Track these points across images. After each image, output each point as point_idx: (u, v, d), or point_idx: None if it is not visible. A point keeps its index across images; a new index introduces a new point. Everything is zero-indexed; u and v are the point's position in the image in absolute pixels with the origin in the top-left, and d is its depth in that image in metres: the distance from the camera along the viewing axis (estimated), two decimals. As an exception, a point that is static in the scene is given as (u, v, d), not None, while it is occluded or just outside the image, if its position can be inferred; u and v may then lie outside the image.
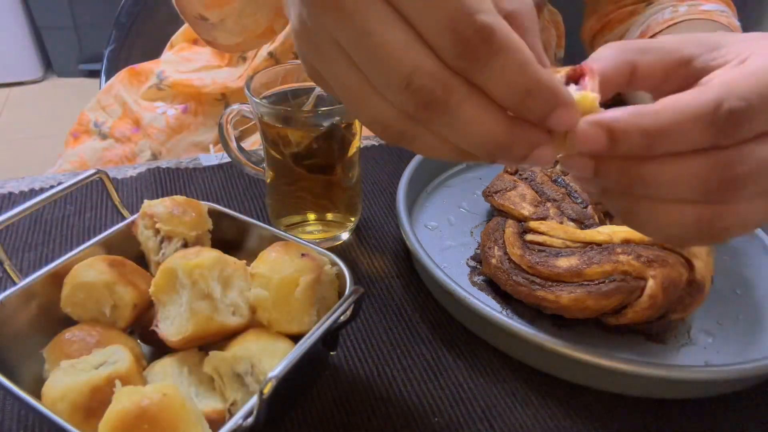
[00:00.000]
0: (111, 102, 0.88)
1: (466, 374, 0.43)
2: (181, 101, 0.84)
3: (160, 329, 0.36)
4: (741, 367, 0.39)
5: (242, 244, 0.45)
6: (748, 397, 0.42)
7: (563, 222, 0.48)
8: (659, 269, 0.42)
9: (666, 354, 0.44)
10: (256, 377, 0.34)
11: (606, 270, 0.43)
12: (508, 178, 0.55)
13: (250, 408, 0.30)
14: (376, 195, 0.62)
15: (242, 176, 0.64)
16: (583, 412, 0.41)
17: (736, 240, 0.56)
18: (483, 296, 0.48)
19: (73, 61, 2.78)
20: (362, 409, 0.40)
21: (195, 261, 0.35)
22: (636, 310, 0.43)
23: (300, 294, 0.37)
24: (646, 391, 0.41)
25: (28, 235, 0.55)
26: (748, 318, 0.47)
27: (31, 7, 2.60)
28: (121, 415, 0.28)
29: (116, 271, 0.38)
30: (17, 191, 0.60)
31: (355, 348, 0.45)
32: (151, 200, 0.43)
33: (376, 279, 0.51)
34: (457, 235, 0.55)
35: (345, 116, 0.47)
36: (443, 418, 0.40)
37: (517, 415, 0.40)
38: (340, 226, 0.55)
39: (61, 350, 0.35)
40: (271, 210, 0.55)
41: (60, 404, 0.31)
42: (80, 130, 0.88)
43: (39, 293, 0.38)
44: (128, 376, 0.32)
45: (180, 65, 0.86)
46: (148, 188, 0.61)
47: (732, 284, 0.51)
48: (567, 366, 0.42)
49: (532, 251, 0.45)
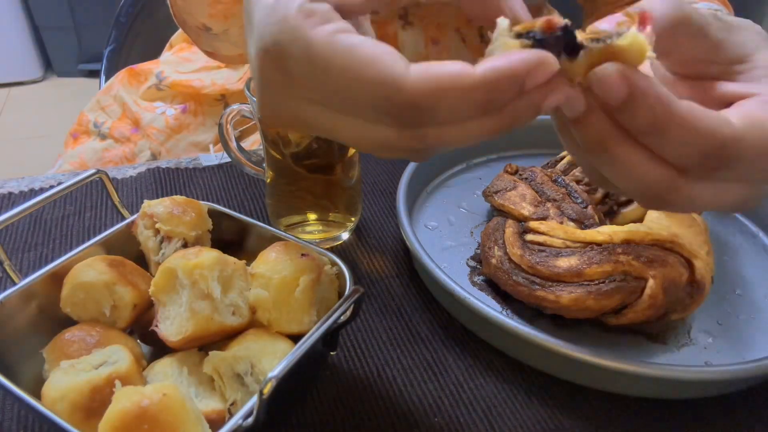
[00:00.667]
0: (110, 102, 0.88)
1: (466, 374, 0.43)
2: (181, 101, 0.84)
3: (160, 329, 0.36)
4: (741, 367, 0.39)
5: (242, 244, 0.45)
6: (748, 397, 0.42)
7: (563, 222, 0.48)
8: (659, 269, 0.42)
9: (666, 354, 0.44)
10: (256, 377, 0.34)
11: (606, 270, 0.43)
12: (508, 178, 0.55)
13: (250, 408, 0.30)
14: (376, 195, 0.62)
15: (242, 176, 0.64)
16: (583, 412, 0.41)
17: (736, 240, 0.56)
18: (483, 296, 0.48)
19: (73, 61, 2.78)
20: (362, 409, 0.40)
21: (195, 261, 0.35)
22: (636, 310, 0.43)
23: (300, 294, 0.37)
24: (646, 391, 0.41)
25: (28, 235, 0.55)
26: (748, 318, 0.47)
27: (31, 7, 2.60)
28: (121, 415, 0.28)
29: (116, 271, 0.38)
30: (17, 191, 0.60)
31: (355, 348, 0.45)
32: (150, 200, 0.43)
33: (376, 279, 0.51)
34: (457, 235, 0.55)
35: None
36: (443, 418, 0.40)
37: (517, 415, 0.40)
38: (340, 226, 0.55)
39: (61, 350, 0.35)
40: (271, 210, 0.55)
41: (60, 404, 0.31)
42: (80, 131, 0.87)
43: (39, 293, 0.38)
44: (128, 376, 0.32)
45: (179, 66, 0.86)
46: (148, 188, 0.61)
47: (732, 284, 0.51)
48: (567, 366, 0.42)
49: (532, 251, 0.45)
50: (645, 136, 0.28)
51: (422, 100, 0.25)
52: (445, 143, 0.27)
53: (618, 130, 0.28)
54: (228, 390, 0.34)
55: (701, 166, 0.28)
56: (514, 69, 0.25)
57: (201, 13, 0.61)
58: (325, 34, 0.26)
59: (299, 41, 0.26)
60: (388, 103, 0.26)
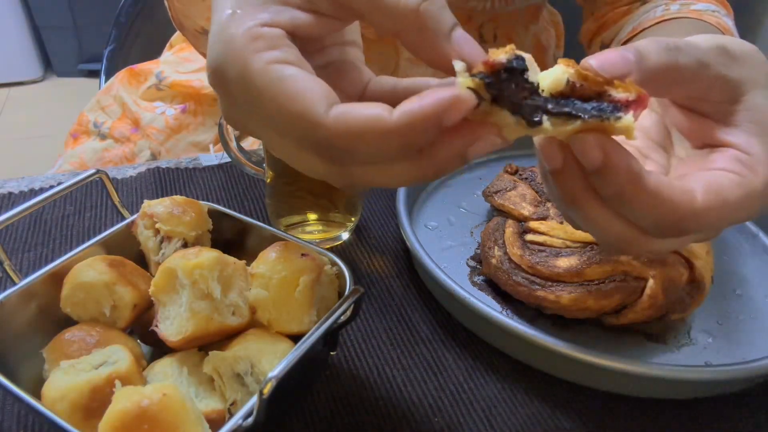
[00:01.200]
0: (110, 102, 0.88)
1: (466, 374, 0.43)
2: (180, 101, 0.84)
3: (160, 329, 0.35)
4: (741, 367, 0.39)
5: (242, 244, 0.45)
6: (748, 397, 0.42)
7: (563, 222, 0.48)
8: (659, 269, 0.42)
9: (666, 354, 0.44)
10: (256, 377, 0.34)
11: (606, 270, 0.43)
12: (508, 178, 0.55)
13: (250, 408, 0.30)
14: (376, 195, 0.62)
15: (242, 176, 0.64)
16: (583, 412, 0.41)
17: (736, 240, 0.56)
18: (483, 296, 0.48)
19: (73, 61, 2.78)
20: (362, 409, 0.40)
21: (195, 261, 0.35)
22: (636, 310, 0.43)
23: (300, 294, 0.37)
24: (646, 391, 0.41)
25: (28, 235, 0.55)
26: (748, 318, 0.47)
27: (31, 7, 2.60)
28: (121, 415, 0.28)
29: (116, 271, 0.38)
30: (17, 191, 0.60)
31: (355, 348, 0.45)
32: (150, 200, 0.43)
33: (376, 279, 0.51)
34: (457, 235, 0.55)
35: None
36: (443, 418, 0.40)
37: (517, 415, 0.40)
38: (340, 226, 0.55)
39: (61, 350, 0.35)
40: (271, 210, 0.55)
41: (60, 404, 0.31)
42: (79, 131, 0.87)
43: (39, 293, 0.38)
44: (128, 376, 0.32)
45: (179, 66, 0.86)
46: (148, 188, 0.61)
47: (732, 284, 0.51)
48: (567, 366, 0.42)
49: (532, 251, 0.45)
50: (611, 202, 0.30)
51: (338, 141, 0.26)
52: (372, 182, 0.28)
53: (588, 189, 0.30)
54: (228, 390, 0.34)
55: (661, 232, 0.31)
56: (426, 112, 0.25)
57: (199, 16, 0.61)
58: (262, 62, 0.27)
59: (237, 65, 0.27)
60: (309, 138, 0.26)
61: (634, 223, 0.31)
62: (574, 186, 0.30)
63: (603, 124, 0.26)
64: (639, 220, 0.30)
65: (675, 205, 0.29)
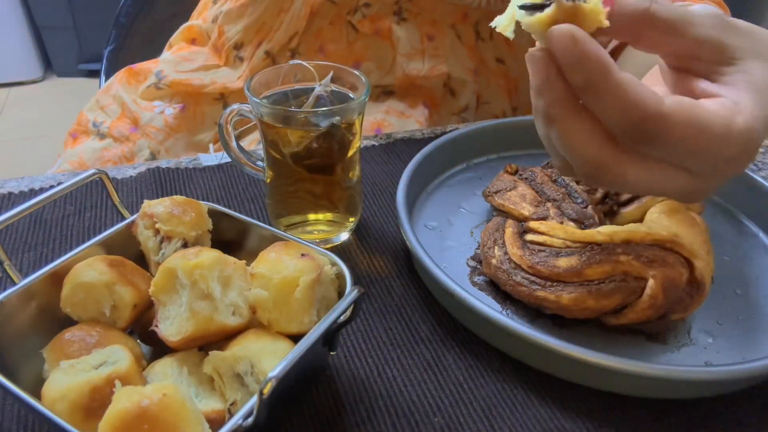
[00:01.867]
0: (109, 102, 0.88)
1: (466, 374, 0.43)
2: (180, 100, 0.84)
3: (160, 329, 0.36)
4: (741, 367, 0.39)
5: (242, 244, 0.45)
6: (748, 397, 0.42)
7: (563, 222, 0.48)
8: (659, 269, 0.42)
9: (666, 354, 0.44)
10: (256, 377, 0.34)
11: (606, 270, 0.43)
12: (508, 178, 0.55)
13: (250, 408, 0.30)
14: (376, 195, 0.62)
15: (242, 176, 0.64)
16: (583, 412, 0.41)
17: (736, 240, 0.56)
18: (483, 296, 0.48)
19: (73, 61, 2.78)
20: (362, 409, 0.40)
21: (195, 261, 0.35)
22: (636, 310, 0.43)
23: (300, 294, 0.37)
24: (646, 391, 0.41)
25: (28, 235, 0.55)
26: (748, 318, 0.47)
27: (31, 7, 2.60)
28: (121, 415, 0.28)
29: (116, 271, 0.38)
30: (17, 191, 0.60)
31: (355, 348, 0.45)
32: (150, 200, 0.43)
33: (375, 279, 0.51)
34: (457, 235, 0.55)
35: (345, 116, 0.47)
36: (443, 418, 0.40)
37: (517, 415, 0.40)
38: (340, 226, 0.55)
39: (61, 350, 0.35)
40: (271, 210, 0.55)
41: (60, 404, 0.31)
42: (79, 131, 0.87)
43: (39, 293, 0.38)
44: (128, 376, 0.32)
45: (179, 65, 0.86)
46: (148, 188, 0.61)
47: (732, 284, 0.51)
48: (567, 366, 0.42)
49: (532, 251, 0.45)
50: (583, 93, 0.31)
51: None
52: None
53: (568, 101, 0.31)
54: (228, 390, 0.34)
55: (627, 135, 0.31)
56: None
57: None
58: None
59: None
60: None
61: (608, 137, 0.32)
62: (555, 97, 0.31)
63: (575, 6, 0.30)
64: (607, 118, 0.31)
65: (640, 101, 0.30)
